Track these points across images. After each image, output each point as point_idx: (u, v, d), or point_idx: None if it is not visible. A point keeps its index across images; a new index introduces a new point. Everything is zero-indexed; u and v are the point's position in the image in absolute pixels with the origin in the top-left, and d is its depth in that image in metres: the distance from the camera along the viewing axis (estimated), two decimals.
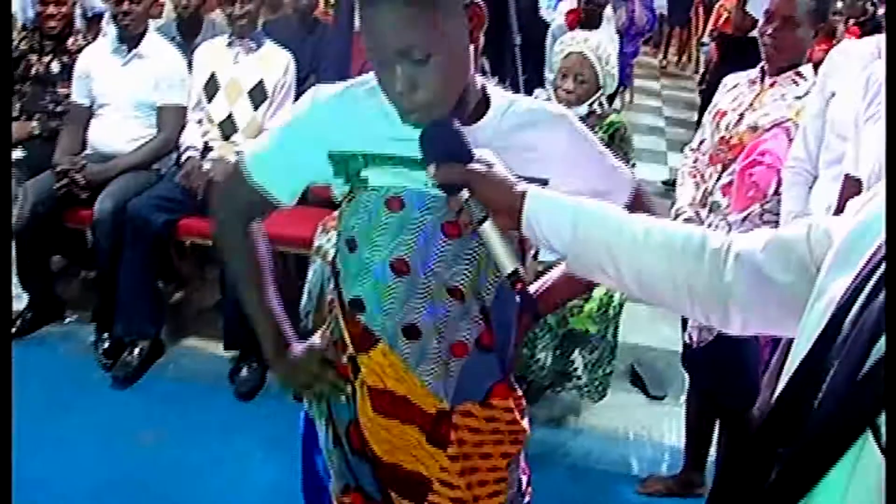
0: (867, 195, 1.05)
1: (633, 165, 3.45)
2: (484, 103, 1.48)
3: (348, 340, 1.57)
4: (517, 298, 1.43)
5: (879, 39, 2.52)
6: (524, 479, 1.72)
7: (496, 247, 1.25)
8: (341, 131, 1.47)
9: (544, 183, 1.43)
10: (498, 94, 1.51)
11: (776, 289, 1.13)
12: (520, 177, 1.39)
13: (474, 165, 1.26)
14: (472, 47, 1.39)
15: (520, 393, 1.66)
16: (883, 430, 0.78)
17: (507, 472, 1.63)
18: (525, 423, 1.64)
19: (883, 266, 0.88)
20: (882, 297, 0.85)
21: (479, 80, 1.49)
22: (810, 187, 2.61)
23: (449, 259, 1.45)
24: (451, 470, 1.56)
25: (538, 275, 2.94)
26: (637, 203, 1.53)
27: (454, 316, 1.49)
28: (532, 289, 1.66)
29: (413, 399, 1.54)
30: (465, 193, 1.24)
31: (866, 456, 0.80)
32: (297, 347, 1.68)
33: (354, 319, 1.54)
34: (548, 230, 1.23)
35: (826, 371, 0.87)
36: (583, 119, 3.29)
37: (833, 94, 2.53)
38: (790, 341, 1.03)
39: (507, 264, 1.24)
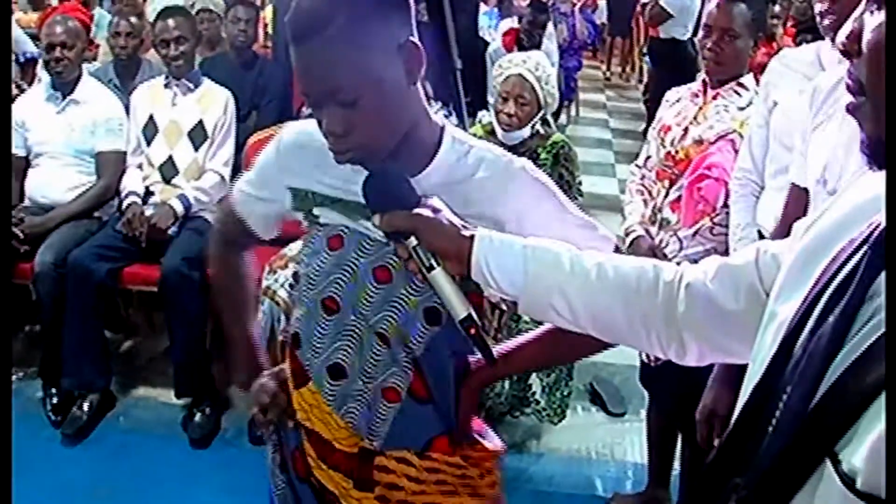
0: (811, 216, 1.04)
1: (580, 182, 3.44)
2: (435, 148, 1.43)
3: (289, 374, 1.61)
4: (473, 347, 1.34)
5: (819, 47, 2.52)
6: None
7: (447, 293, 1.22)
8: (301, 168, 1.50)
9: None
10: (454, 140, 1.45)
11: (728, 317, 1.14)
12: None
13: (420, 211, 1.23)
14: (414, 87, 1.35)
15: (486, 446, 1.60)
16: (844, 457, 0.76)
17: None
18: (490, 478, 1.59)
19: (832, 287, 0.87)
20: (833, 318, 0.84)
21: (439, 123, 1.45)
22: (757, 198, 2.61)
23: (377, 303, 1.44)
24: None
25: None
26: None
27: (383, 361, 1.48)
28: (500, 349, 1.58)
29: (336, 444, 1.54)
30: (412, 240, 1.21)
31: (826, 485, 0.78)
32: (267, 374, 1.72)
33: (293, 354, 1.58)
34: (498, 274, 1.19)
35: (779, 396, 0.86)
36: (526, 140, 3.30)
37: (775, 104, 2.54)
38: None
39: (460, 310, 1.22)
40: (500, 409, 3.43)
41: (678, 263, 1.24)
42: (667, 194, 2.88)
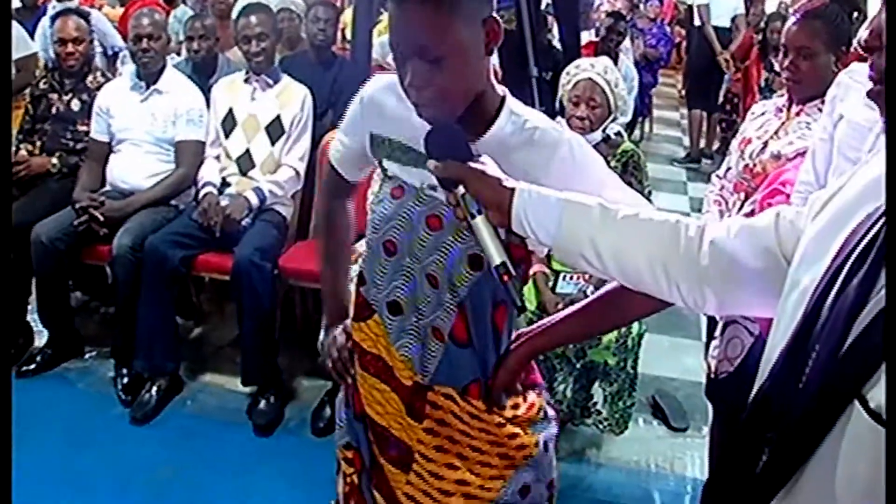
0: (828, 191, 1.12)
1: (650, 193, 3.42)
2: (494, 116, 1.57)
3: (351, 310, 1.82)
4: (502, 290, 1.45)
5: None
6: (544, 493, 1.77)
7: (486, 240, 1.35)
8: (380, 118, 1.68)
9: None
10: (511, 113, 1.58)
11: (748, 273, 1.23)
12: None
13: (471, 164, 1.38)
14: (488, 58, 1.51)
15: (525, 402, 1.72)
16: (871, 397, 0.84)
17: (505, 473, 1.69)
18: (531, 436, 1.70)
19: (856, 254, 0.95)
20: (856, 281, 0.92)
21: (500, 93, 1.59)
22: None
23: (428, 247, 1.61)
24: (426, 443, 1.70)
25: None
26: None
27: (432, 301, 1.64)
28: (548, 321, 1.70)
29: (395, 371, 1.71)
30: (461, 189, 1.36)
31: (856, 425, 0.86)
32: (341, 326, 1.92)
33: (359, 290, 1.78)
34: (535, 224, 1.32)
35: (808, 355, 0.94)
36: (596, 146, 3.28)
37: (841, 117, 2.50)
38: None
39: (496, 256, 1.35)
40: (561, 417, 3.41)
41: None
42: (741, 207, 2.85)
